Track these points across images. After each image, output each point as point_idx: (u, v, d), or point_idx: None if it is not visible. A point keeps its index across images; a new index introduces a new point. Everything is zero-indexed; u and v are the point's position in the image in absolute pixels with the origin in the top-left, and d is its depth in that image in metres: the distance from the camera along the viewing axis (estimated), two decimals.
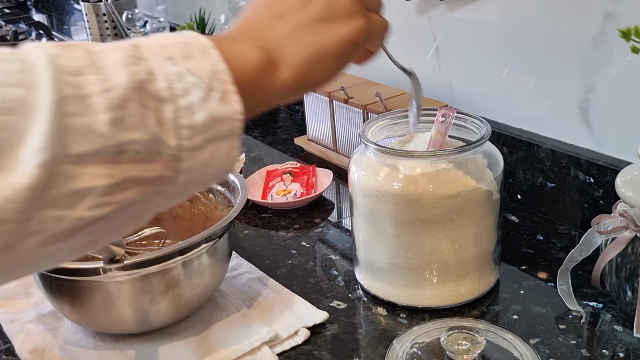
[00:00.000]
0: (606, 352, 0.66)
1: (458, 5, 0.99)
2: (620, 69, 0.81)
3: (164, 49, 0.40)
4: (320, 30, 0.48)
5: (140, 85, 0.38)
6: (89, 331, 0.73)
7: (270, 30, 0.47)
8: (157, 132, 0.38)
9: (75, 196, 0.36)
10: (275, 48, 0.46)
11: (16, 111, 0.34)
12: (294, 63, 0.47)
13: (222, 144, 0.41)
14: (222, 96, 0.40)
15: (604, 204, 0.84)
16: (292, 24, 0.47)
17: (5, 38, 2.13)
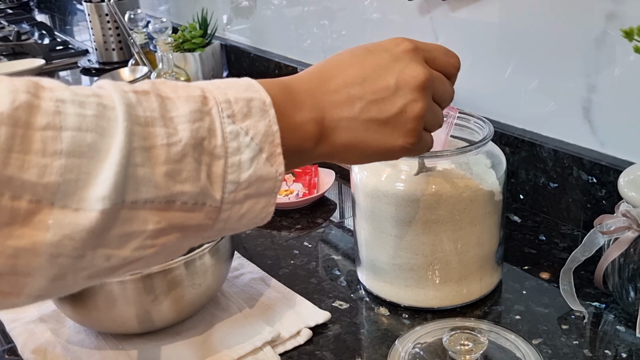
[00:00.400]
0: (609, 352, 0.66)
1: (460, 5, 0.99)
2: (623, 69, 0.81)
3: (229, 105, 0.43)
4: (374, 129, 0.51)
5: (199, 142, 0.41)
6: (91, 331, 0.74)
7: (336, 109, 0.50)
8: (206, 186, 0.41)
9: (125, 238, 0.39)
10: (331, 127, 0.50)
11: (87, 155, 0.37)
12: (337, 145, 0.50)
13: (261, 200, 0.44)
14: (268, 157, 0.44)
15: (606, 204, 0.84)
16: (357, 112, 0.50)
17: (8, 38, 2.13)
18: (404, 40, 0.54)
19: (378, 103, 0.50)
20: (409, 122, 0.51)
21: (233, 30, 1.64)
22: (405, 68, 0.52)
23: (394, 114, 0.51)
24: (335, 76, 0.51)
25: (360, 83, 0.50)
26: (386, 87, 0.51)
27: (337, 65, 0.52)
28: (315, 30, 1.35)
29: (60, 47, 2.10)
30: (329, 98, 0.50)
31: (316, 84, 0.50)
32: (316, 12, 1.33)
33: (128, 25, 1.61)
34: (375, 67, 0.51)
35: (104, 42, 1.84)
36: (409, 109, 0.51)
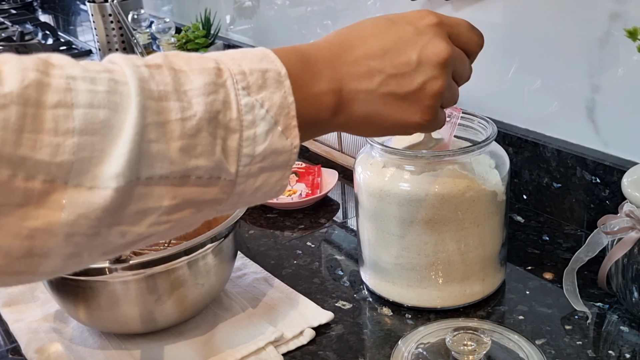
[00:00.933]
0: (612, 353, 0.66)
1: (464, 5, 0.99)
2: (626, 69, 0.81)
3: (244, 77, 0.42)
4: (391, 104, 0.50)
5: (214, 116, 0.40)
6: (94, 331, 0.74)
7: (355, 81, 0.49)
8: (220, 160, 0.41)
9: (140, 214, 0.39)
10: (349, 98, 0.49)
11: (100, 132, 0.36)
12: (353, 117, 0.50)
13: (275, 173, 0.44)
14: (284, 129, 0.43)
15: (610, 205, 0.83)
16: (376, 85, 0.49)
17: (11, 38, 2.14)
18: (429, 13, 0.52)
19: (398, 77, 0.49)
20: (427, 99, 0.50)
21: (236, 31, 1.64)
22: (429, 43, 0.50)
23: (413, 89, 0.50)
24: (356, 46, 0.49)
25: (381, 56, 0.49)
26: (407, 61, 0.49)
27: (359, 35, 0.50)
28: (319, 30, 1.35)
29: (64, 47, 2.10)
30: (348, 69, 0.49)
31: (335, 53, 0.49)
32: (319, 12, 1.33)
33: (131, 25, 1.62)
34: (398, 40, 0.50)
35: (107, 42, 1.84)
36: (428, 85, 0.50)
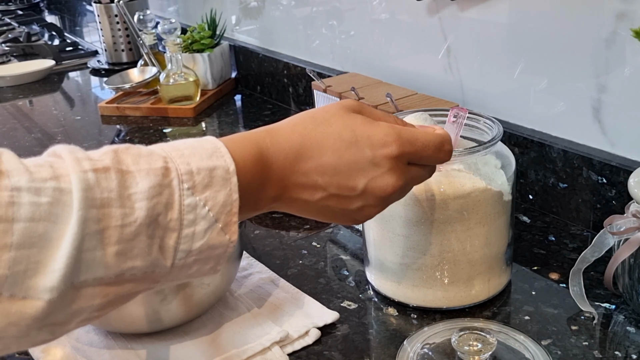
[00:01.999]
0: (619, 353, 0.66)
1: (469, 5, 0.99)
2: (633, 69, 0.80)
3: (190, 177, 0.44)
4: (324, 213, 0.53)
5: (154, 219, 0.41)
6: (100, 330, 0.74)
7: (298, 190, 0.51)
8: (157, 258, 0.42)
9: (71, 315, 0.40)
10: (286, 200, 0.52)
11: (37, 245, 0.38)
12: (286, 209, 0.53)
13: (209, 263, 0.46)
14: (223, 226, 0.45)
15: (616, 205, 0.83)
16: (316, 200, 0.52)
17: (18, 39, 2.15)
18: (393, 142, 0.52)
19: (339, 198, 0.52)
20: (360, 218, 0.54)
21: (242, 31, 1.64)
22: (379, 177, 0.52)
23: (349, 210, 0.53)
24: (312, 158, 0.51)
25: (331, 175, 0.51)
26: (353, 187, 0.51)
27: (319, 145, 0.51)
28: (324, 30, 1.35)
29: (70, 48, 2.11)
30: (296, 179, 0.51)
31: (292, 162, 0.51)
32: (325, 12, 1.34)
33: (137, 26, 1.62)
34: (352, 164, 0.51)
35: (113, 43, 1.85)
36: (365, 210, 0.53)
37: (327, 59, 1.36)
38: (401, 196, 0.56)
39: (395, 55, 1.18)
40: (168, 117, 1.46)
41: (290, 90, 1.45)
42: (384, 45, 1.20)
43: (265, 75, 1.53)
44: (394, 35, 1.17)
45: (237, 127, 1.39)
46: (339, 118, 0.53)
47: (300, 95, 1.42)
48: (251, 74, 1.59)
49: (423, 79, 1.12)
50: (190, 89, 1.47)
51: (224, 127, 1.40)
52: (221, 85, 1.59)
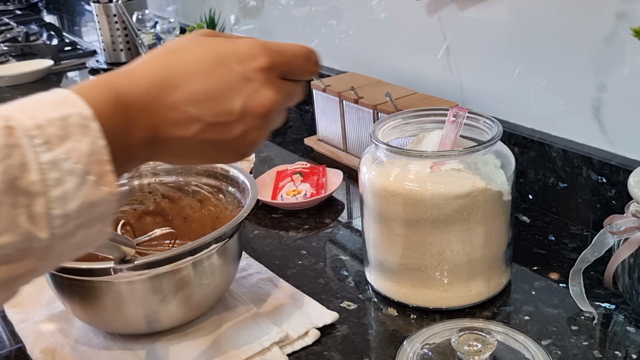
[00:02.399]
0: (619, 353, 0.66)
1: (469, 4, 0.99)
2: (632, 68, 0.80)
3: (41, 130, 0.38)
4: (207, 150, 0.48)
5: (12, 184, 0.36)
6: (99, 331, 0.74)
7: (171, 128, 0.46)
8: (28, 230, 0.37)
9: None
10: (163, 143, 0.46)
11: None
12: (167, 156, 0.47)
13: (95, 226, 0.40)
14: (97, 179, 0.39)
15: (616, 204, 0.83)
16: (193, 134, 0.46)
17: (16, 39, 2.14)
18: (261, 52, 0.48)
19: (218, 126, 0.47)
20: (244, 147, 0.49)
21: (241, 31, 1.64)
22: (255, 93, 0.47)
23: (231, 138, 0.47)
24: (178, 87, 0.45)
25: (203, 101, 0.46)
26: (230, 110, 0.46)
27: (183, 72, 0.46)
28: (323, 30, 1.35)
29: (69, 47, 2.11)
30: (165, 114, 0.45)
31: (154, 95, 0.45)
32: (324, 12, 1.33)
33: (136, 25, 1.62)
34: (223, 85, 0.46)
35: (112, 42, 1.84)
36: (248, 135, 0.48)
37: (327, 59, 1.36)
38: (280, 116, 0.51)
39: (395, 54, 1.18)
40: None
41: None
42: (383, 45, 1.20)
43: None
44: (394, 34, 1.17)
45: None
46: (197, 43, 0.48)
47: None
48: None
49: (422, 78, 1.12)
50: None
51: None
52: None
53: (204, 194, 0.86)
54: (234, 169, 0.83)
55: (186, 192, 0.86)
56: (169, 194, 0.86)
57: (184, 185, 0.86)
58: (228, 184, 0.83)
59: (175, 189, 0.86)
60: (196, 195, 0.86)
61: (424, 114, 0.79)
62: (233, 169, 0.83)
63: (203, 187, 0.85)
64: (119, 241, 0.62)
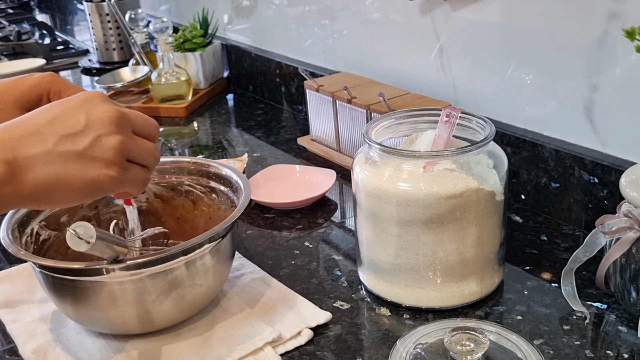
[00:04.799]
0: (610, 353, 0.66)
1: (462, 5, 0.99)
2: (624, 69, 0.81)
3: None
4: (73, 161, 0.52)
5: None
6: (92, 331, 0.73)
7: (28, 146, 0.51)
8: None
9: None
10: (26, 164, 0.50)
11: None
12: (35, 182, 0.51)
13: None
14: None
15: (608, 204, 0.83)
16: (51, 146, 0.51)
17: (8, 38, 2.13)
18: (93, 91, 0.57)
19: (71, 137, 0.52)
20: (106, 152, 0.53)
21: (234, 30, 1.64)
22: (95, 107, 0.54)
23: (88, 144, 0.52)
24: (25, 122, 0.52)
25: (50, 121, 0.52)
26: (76, 122, 0.52)
27: (29, 115, 0.53)
28: (317, 30, 1.35)
29: (61, 47, 2.10)
30: (19, 137, 0.50)
31: (3, 129, 0.51)
32: (317, 11, 1.33)
33: (129, 24, 1.61)
34: (65, 109, 0.53)
35: (104, 41, 1.84)
36: (103, 139, 0.53)
37: (320, 59, 1.36)
38: (125, 121, 0.56)
39: (388, 54, 1.18)
40: (160, 117, 1.45)
41: (283, 89, 1.44)
42: (376, 45, 1.20)
43: (258, 75, 1.52)
44: (387, 34, 1.17)
45: (229, 127, 1.38)
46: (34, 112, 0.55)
47: (292, 95, 1.42)
48: (243, 73, 1.59)
49: (415, 78, 1.12)
50: (182, 88, 1.47)
51: (216, 126, 1.40)
52: (213, 85, 1.58)
53: (196, 194, 0.85)
54: (226, 169, 0.83)
55: (179, 192, 0.86)
56: (161, 194, 0.86)
57: (177, 185, 0.86)
58: (221, 183, 0.83)
59: (168, 189, 0.86)
60: (189, 195, 0.86)
61: (417, 114, 0.79)
62: (226, 169, 0.83)
63: (196, 187, 0.85)
64: (111, 241, 0.62)
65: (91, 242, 0.59)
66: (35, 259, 0.67)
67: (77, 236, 0.58)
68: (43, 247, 0.77)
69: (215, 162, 0.85)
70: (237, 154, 1.23)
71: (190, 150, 1.28)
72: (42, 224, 0.77)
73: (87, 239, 0.59)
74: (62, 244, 0.75)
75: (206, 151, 1.27)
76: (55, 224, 0.79)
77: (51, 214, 0.79)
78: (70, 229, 0.58)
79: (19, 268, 0.86)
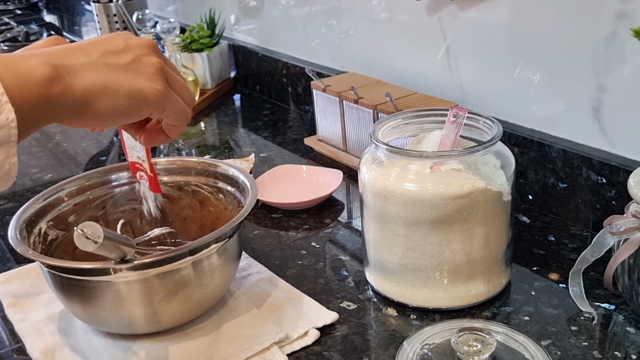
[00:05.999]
0: (618, 354, 0.66)
1: (469, 4, 0.99)
2: (632, 69, 0.80)
3: None
4: (118, 71, 0.54)
5: None
6: (99, 331, 0.74)
7: (72, 57, 0.52)
8: None
9: None
10: (70, 69, 0.51)
11: None
12: (84, 85, 0.51)
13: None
14: None
15: (616, 205, 0.83)
16: (95, 58, 0.53)
17: (16, 39, 2.14)
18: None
19: (112, 53, 0.54)
20: (148, 67, 0.55)
21: (241, 30, 1.64)
22: (131, 37, 0.57)
23: (130, 60, 0.54)
24: (63, 47, 0.54)
25: (90, 43, 0.54)
26: (116, 44, 0.55)
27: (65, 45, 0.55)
28: (323, 30, 1.35)
29: None
30: (62, 52, 0.52)
31: (47, 47, 0.53)
32: (324, 11, 1.33)
33: (136, 25, 1.62)
34: (101, 38, 0.56)
35: None
36: (143, 58, 0.55)
37: (327, 59, 1.36)
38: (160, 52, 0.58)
39: (395, 54, 1.18)
40: None
41: (290, 89, 1.44)
42: (383, 45, 1.20)
43: (265, 75, 1.53)
44: (394, 34, 1.17)
45: (236, 127, 1.39)
46: None
47: (299, 95, 1.42)
48: (250, 73, 1.59)
49: (422, 78, 1.12)
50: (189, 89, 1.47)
51: (222, 126, 1.40)
52: (220, 85, 1.58)
53: (203, 194, 0.85)
54: (233, 169, 0.83)
55: (186, 192, 0.86)
56: (168, 194, 0.86)
57: (184, 185, 0.86)
58: (228, 184, 0.83)
59: (175, 189, 0.86)
60: (196, 195, 0.86)
61: (424, 114, 0.79)
62: (233, 169, 0.83)
63: (203, 187, 0.85)
64: (118, 241, 0.62)
65: (99, 242, 0.59)
66: (43, 258, 0.68)
67: (85, 236, 0.58)
68: (51, 247, 0.77)
69: (222, 163, 0.85)
70: (244, 154, 1.23)
71: (198, 151, 1.28)
72: (50, 223, 0.78)
73: (94, 239, 0.59)
74: (70, 244, 0.76)
75: (213, 151, 1.27)
76: (63, 223, 0.80)
77: (59, 214, 0.79)
78: (77, 228, 0.58)
79: (27, 268, 0.87)
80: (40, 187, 1.13)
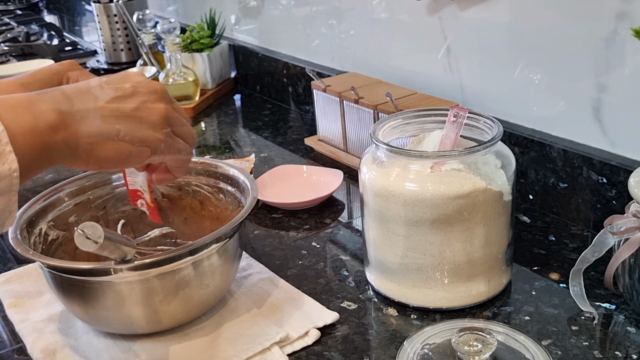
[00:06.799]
0: (619, 353, 0.66)
1: (469, 4, 0.99)
2: (633, 68, 0.80)
3: None
4: (122, 120, 0.55)
5: None
6: (100, 331, 0.74)
7: (80, 101, 0.53)
8: None
9: None
10: (76, 116, 0.52)
11: None
12: (88, 134, 0.53)
13: (0, 199, 0.46)
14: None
15: (617, 205, 0.83)
16: (102, 103, 0.55)
17: (17, 39, 2.14)
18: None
19: (119, 98, 0.56)
20: (153, 114, 0.57)
21: (241, 31, 1.64)
22: (141, 80, 0.58)
23: (135, 107, 0.56)
24: (77, 85, 0.56)
25: (99, 85, 0.56)
26: (123, 88, 0.57)
27: (80, 82, 0.57)
28: (324, 30, 1.35)
29: (69, 47, 2.10)
30: (71, 95, 0.53)
31: (58, 88, 0.54)
32: (324, 12, 1.33)
33: (136, 25, 1.62)
34: (112, 78, 0.58)
35: (112, 42, 1.84)
36: (149, 104, 0.57)
37: (327, 59, 1.36)
38: (168, 96, 0.60)
39: (395, 54, 1.18)
40: None
41: (290, 89, 1.44)
42: (383, 45, 1.20)
43: (265, 75, 1.53)
44: (394, 34, 1.17)
45: (236, 127, 1.39)
46: None
47: (299, 95, 1.42)
48: (250, 73, 1.59)
49: (423, 78, 1.12)
50: (190, 89, 1.47)
51: (223, 126, 1.40)
52: (220, 85, 1.58)
53: (204, 194, 0.85)
54: (234, 169, 0.83)
55: (186, 192, 0.86)
56: (169, 194, 0.86)
57: (184, 185, 0.86)
58: (228, 184, 0.83)
59: (175, 189, 0.86)
60: (196, 196, 0.86)
61: (424, 114, 0.79)
62: (233, 169, 0.83)
63: (203, 187, 0.85)
64: (118, 241, 0.62)
65: (99, 242, 0.59)
66: (43, 259, 0.68)
67: (85, 236, 0.59)
68: (51, 247, 0.77)
69: (222, 163, 0.85)
70: (244, 154, 1.23)
71: (198, 151, 1.28)
72: (50, 224, 0.78)
73: (95, 239, 0.59)
74: (70, 244, 0.76)
75: (214, 151, 1.27)
76: (63, 224, 0.80)
77: (59, 214, 0.79)
78: (78, 229, 0.59)
79: (28, 268, 0.87)
80: (40, 187, 1.12)
